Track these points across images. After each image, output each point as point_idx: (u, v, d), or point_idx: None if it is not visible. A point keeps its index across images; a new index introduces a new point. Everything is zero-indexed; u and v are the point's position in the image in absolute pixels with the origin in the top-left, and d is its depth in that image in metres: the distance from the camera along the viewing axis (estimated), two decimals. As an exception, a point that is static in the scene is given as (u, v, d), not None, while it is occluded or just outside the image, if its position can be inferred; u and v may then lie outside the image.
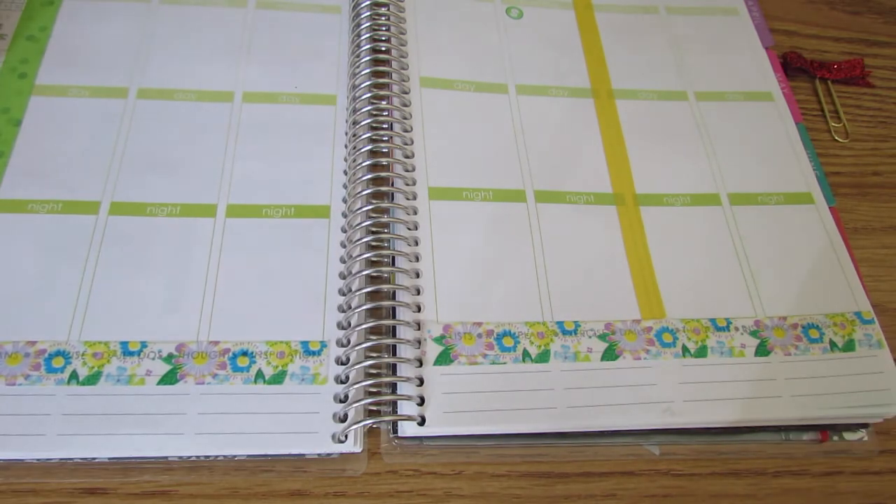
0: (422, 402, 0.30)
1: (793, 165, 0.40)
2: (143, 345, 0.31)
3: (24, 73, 0.38)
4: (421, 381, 0.31)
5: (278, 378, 0.30)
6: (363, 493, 0.30)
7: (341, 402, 0.30)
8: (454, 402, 0.30)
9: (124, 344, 0.31)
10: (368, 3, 0.42)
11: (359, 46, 0.40)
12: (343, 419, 0.30)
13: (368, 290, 0.32)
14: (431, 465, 0.31)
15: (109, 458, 0.29)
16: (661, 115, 0.41)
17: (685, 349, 0.33)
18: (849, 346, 0.34)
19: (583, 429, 0.31)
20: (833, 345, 0.34)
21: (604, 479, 0.31)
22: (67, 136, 0.36)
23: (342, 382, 0.31)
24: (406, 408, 0.30)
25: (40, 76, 0.38)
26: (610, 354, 0.32)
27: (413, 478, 0.30)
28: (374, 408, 0.30)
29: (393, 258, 0.34)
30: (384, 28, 0.41)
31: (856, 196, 0.42)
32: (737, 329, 0.34)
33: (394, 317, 0.32)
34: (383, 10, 0.42)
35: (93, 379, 0.30)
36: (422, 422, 0.30)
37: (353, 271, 0.33)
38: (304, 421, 0.30)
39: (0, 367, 0.29)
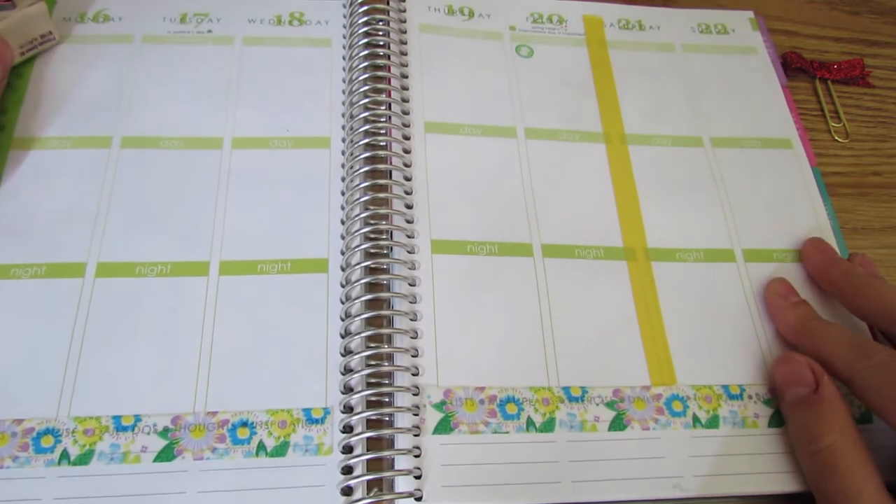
0: (421, 473, 0.29)
1: (811, 221, 0.38)
2: (137, 418, 0.29)
3: (1, 126, 0.36)
4: (420, 451, 0.29)
5: (281, 450, 0.29)
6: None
7: (348, 471, 0.29)
8: (453, 476, 0.29)
9: (117, 418, 0.29)
10: (364, 42, 0.39)
11: (353, 87, 0.38)
12: (348, 492, 0.29)
13: (368, 353, 0.31)
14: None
15: (105, 544, 0.28)
16: (676, 162, 0.39)
17: (696, 419, 0.31)
18: (867, 416, 0.32)
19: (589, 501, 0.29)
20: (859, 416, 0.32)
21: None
22: (49, 192, 0.34)
23: (348, 451, 0.29)
24: (403, 484, 0.29)
25: (19, 128, 0.36)
26: (618, 424, 0.31)
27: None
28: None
29: (392, 318, 0.32)
30: (384, 69, 0.39)
31: (856, 196, 0.41)
32: (750, 397, 0.32)
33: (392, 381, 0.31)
34: (381, 39, 0.39)
35: (85, 458, 0.28)
36: (420, 497, 0.28)
37: (353, 331, 0.32)
38: (310, 496, 0.28)
39: (-14, 451, 0.28)
